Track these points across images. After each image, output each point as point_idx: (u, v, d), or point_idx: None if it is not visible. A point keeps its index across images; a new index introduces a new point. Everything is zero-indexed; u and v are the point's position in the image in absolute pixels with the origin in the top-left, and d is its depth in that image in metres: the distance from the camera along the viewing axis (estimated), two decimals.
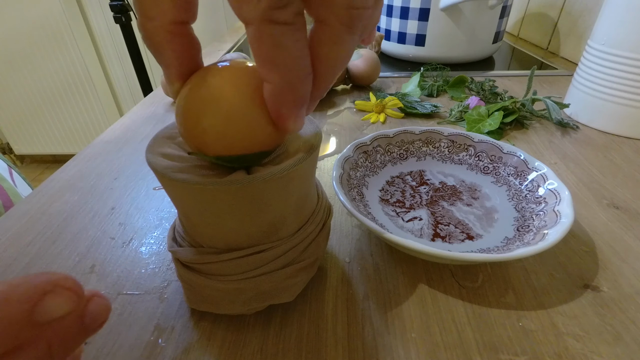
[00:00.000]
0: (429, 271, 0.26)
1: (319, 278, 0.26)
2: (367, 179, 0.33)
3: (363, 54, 0.56)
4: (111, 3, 1.07)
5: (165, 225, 0.31)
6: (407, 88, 0.56)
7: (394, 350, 0.21)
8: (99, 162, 0.41)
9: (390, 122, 0.48)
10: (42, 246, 0.29)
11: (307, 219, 0.21)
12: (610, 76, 0.42)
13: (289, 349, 0.21)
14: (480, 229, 0.29)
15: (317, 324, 0.22)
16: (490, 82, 0.55)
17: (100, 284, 0.25)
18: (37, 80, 1.68)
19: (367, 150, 0.34)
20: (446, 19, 0.64)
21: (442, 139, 0.36)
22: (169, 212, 0.33)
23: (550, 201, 0.27)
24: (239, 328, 0.22)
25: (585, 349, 0.21)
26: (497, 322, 0.22)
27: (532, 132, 0.45)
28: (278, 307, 0.23)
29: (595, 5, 0.65)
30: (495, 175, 0.33)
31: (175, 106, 0.17)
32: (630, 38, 0.40)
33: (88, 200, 0.35)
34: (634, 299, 0.24)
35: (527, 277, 0.25)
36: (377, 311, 0.23)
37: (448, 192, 0.33)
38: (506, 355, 0.21)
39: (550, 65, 0.69)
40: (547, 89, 0.58)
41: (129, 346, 0.21)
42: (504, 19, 0.68)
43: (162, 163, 0.18)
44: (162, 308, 0.24)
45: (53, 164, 2.03)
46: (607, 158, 0.39)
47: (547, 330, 0.22)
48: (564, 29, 0.73)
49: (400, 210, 0.31)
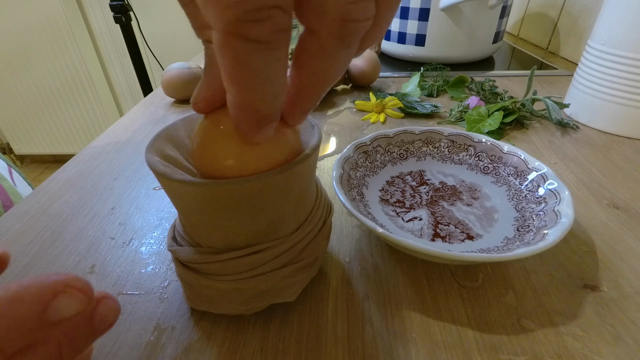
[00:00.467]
0: (429, 271, 0.26)
1: (319, 278, 0.26)
2: (367, 179, 0.33)
3: (363, 54, 0.56)
4: (111, 3, 1.07)
5: (165, 225, 0.31)
6: (407, 88, 0.56)
7: (394, 350, 0.21)
8: (99, 162, 0.41)
9: (390, 122, 0.48)
10: (42, 246, 0.29)
11: (306, 218, 0.21)
12: (610, 76, 0.42)
13: (289, 349, 0.21)
14: (480, 229, 0.29)
15: (317, 324, 0.22)
16: (490, 82, 0.55)
17: (100, 284, 0.25)
18: (37, 80, 1.68)
19: (367, 150, 0.34)
20: (446, 19, 0.64)
21: (442, 139, 0.36)
22: (169, 212, 0.33)
23: (550, 201, 0.27)
24: (239, 328, 0.22)
25: (585, 349, 0.21)
26: (497, 322, 0.22)
27: (532, 132, 0.45)
28: (278, 307, 0.23)
29: (595, 5, 0.65)
30: (495, 175, 0.33)
31: (196, 138, 0.18)
32: (630, 38, 0.40)
33: (88, 200, 0.35)
34: (634, 299, 0.24)
35: (527, 277, 0.25)
36: (377, 311, 0.23)
37: (448, 192, 0.33)
38: (506, 355, 0.21)
39: (550, 65, 0.69)
40: (547, 89, 0.58)
41: (129, 346, 0.21)
42: (504, 19, 0.68)
43: (160, 164, 0.18)
44: (162, 308, 0.24)
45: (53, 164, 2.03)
46: (607, 158, 0.39)
47: (547, 330, 0.22)
48: (564, 29, 0.73)
49: (400, 210, 0.31)
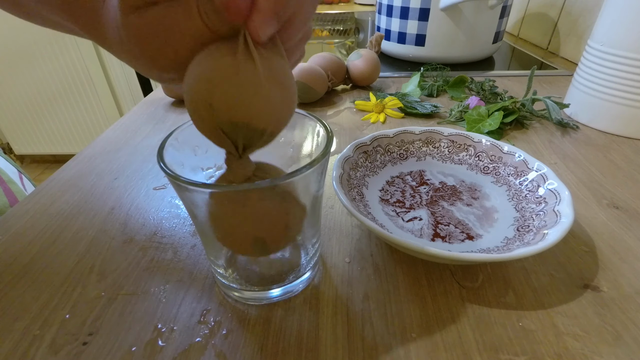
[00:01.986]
0: (429, 271, 0.26)
1: (319, 278, 0.26)
2: (367, 179, 0.33)
3: (363, 54, 0.56)
4: None
5: (165, 225, 0.31)
6: (407, 88, 0.56)
7: (394, 350, 0.21)
8: (99, 162, 0.41)
9: (390, 122, 0.48)
10: (42, 246, 0.29)
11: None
12: (610, 76, 0.42)
13: (289, 349, 0.21)
14: (480, 229, 0.29)
15: (317, 324, 0.22)
16: (490, 82, 0.55)
17: (100, 284, 0.25)
18: (37, 80, 1.68)
19: (367, 150, 0.34)
20: (446, 19, 0.64)
21: (442, 139, 0.36)
22: (168, 212, 0.33)
23: (550, 201, 0.27)
24: (239, 328, 0.22)
25: (585, 349, 0.21)
26: (497, 322, 0.22)
27: (532, 132, 0.45)
28: (278, 307, 0.23)
29: (595, 5, 0.65)
30: (495, 175, 0.33)
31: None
32: (629, 38, 0.40)
33: (88, 200, 0.35)
34: (634, 299, 0.24)
35: (527, 277, 0.25)
36: (377, 311, 0.23)
37: (448, 192, 0.33)
38: (506, 355, 0.21)
39: (550, 65, 0.69)
40: (547, 89, 0.58)
41: (129, 346, 0.21)
42: (504, 19, 0.68)
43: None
44: (162, 308, 0.24)
45: (53, 164, 2.03)
46: (607, 158, 0.39)
47: (547, 330, 0.22)
48: (564, 29, 0.73)
49: (400, 210, 0.31)
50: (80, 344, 0.21)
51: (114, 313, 0.23)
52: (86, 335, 0.22)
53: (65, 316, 0.23)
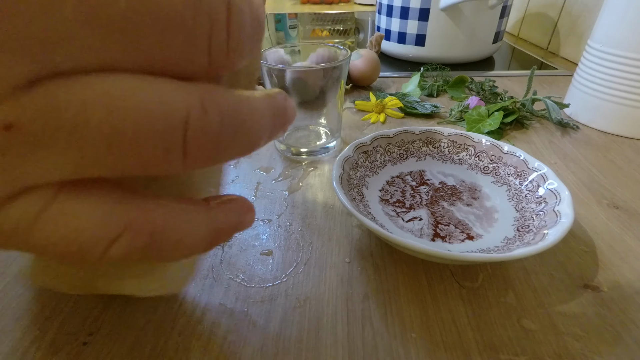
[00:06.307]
0: (429, 271, 0.26)
1: (319, 278, 0.26)
2: (367, 179, 0.33)
3: (363, 54, 0.56)
4: None
5: None
6: (407, 88, 0.56)
7: (394, 350, 0.21)
8: None
9: (390, 122, 0.48)
10: None
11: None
12: (610, 76, 0.42)
13: (289, 349, 0.21)
14: (480, 229, 0.29)
15: (317, 324, 0.22)
16: (490, 82, 0.55)
17: None
18: None
19: (367, 150, 0.34)
20: (446, 19, 0.64)
21: (442, 139, 0.36)
22: None
23: (550, 201, 0.27)
24: (239, 328, 0.22)
25: (585, 349, 0.21)
26: (497, 322, 0.22)
27: (532, 132, 0.45)
28: (278, 307, 0.23)
29: (595, 5, 0.65)
30: (495, 175, 0.33)
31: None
32: (629, 38, 0.40)
33: None
34: (634, 299, 0.24)
35: (527, 277, 0.25)
36: (377, 311, 0.23)
37: (448, 192, 0.33)
38: (506, 355, 0.21)
39: (550, 65, 0.69)
40: (547, 89, 0.58)
41: (128, 346, 0.21)
42: (504, 19, 0.68)
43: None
44: (163, 308, 0.24)
45: None
46: (607, 158, 0.39)
47: (547, 330, 0.22)
48: (564, 29, 0.73)
49: (400, 210, 0.31)
50: (80, 344, 0.21)
51: (114, 313, 0.23)
52: (86, 335, 0.22)
53: (65, 316, 0.23)
